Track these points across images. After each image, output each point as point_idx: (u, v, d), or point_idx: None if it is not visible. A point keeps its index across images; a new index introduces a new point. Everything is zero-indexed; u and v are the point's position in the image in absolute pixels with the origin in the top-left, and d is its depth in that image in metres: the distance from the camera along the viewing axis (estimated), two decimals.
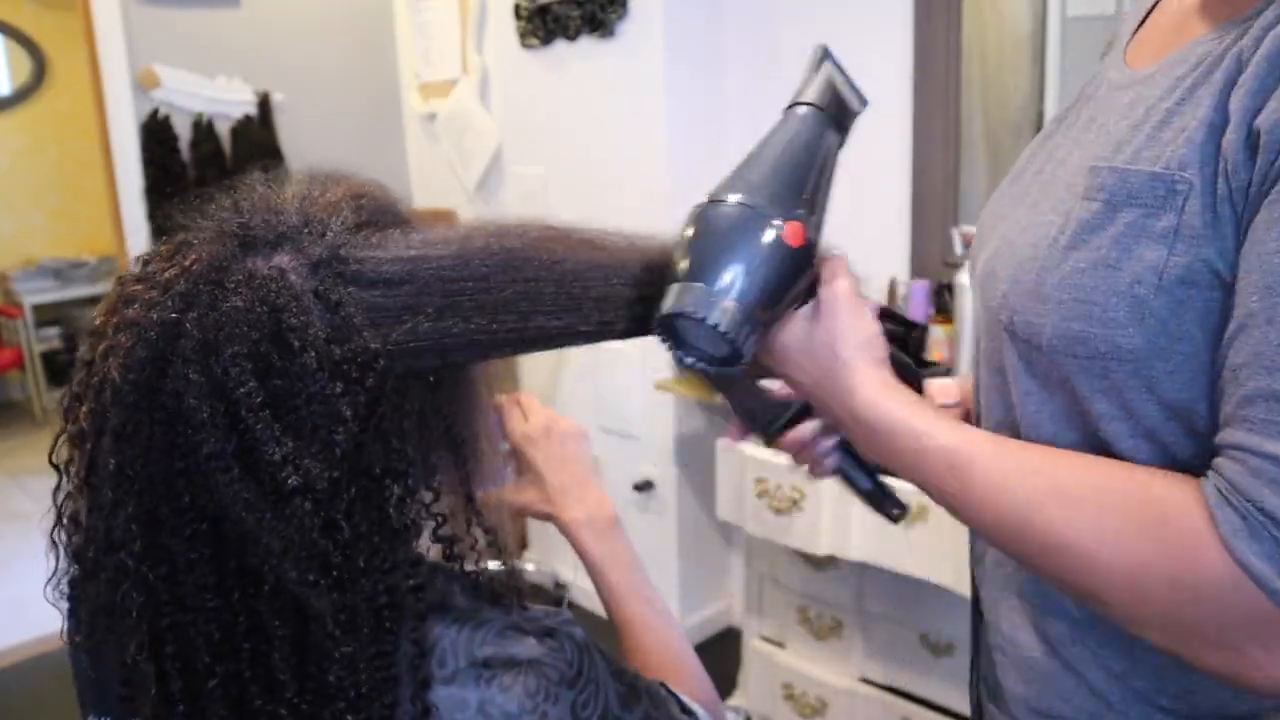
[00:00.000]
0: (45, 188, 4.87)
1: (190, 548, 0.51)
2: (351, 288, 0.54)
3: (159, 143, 2.68)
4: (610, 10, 2.32)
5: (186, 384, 0.50)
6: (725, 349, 0.55)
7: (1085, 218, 0.55)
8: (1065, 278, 0.55)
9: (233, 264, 0.53)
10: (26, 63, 4.73)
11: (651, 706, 0.62)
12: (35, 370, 4.70)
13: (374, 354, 0.52)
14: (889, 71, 2.10)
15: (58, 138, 4.83)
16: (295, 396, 0.51)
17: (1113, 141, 0.57)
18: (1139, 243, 0.52)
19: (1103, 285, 0.53)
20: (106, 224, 2.92)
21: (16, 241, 4.83)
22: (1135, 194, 0.53)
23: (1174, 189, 0.51)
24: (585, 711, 0.57)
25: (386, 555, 0.54)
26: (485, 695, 0.55)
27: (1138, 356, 0.52)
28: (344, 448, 0.51)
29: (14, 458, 4.34)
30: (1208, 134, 0.50)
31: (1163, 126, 0.53)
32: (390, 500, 0.54)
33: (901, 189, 2.14)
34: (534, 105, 2.65)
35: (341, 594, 0.52)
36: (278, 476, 0.50)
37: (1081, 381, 0.56)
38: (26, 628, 2.73)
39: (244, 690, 0.53)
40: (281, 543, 0.50)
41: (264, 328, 0.51)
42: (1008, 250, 0.63)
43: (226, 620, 0.52)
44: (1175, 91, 0.54)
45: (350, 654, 0.52)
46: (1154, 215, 0.51)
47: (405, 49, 3.09)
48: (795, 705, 2.03)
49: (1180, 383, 0.52)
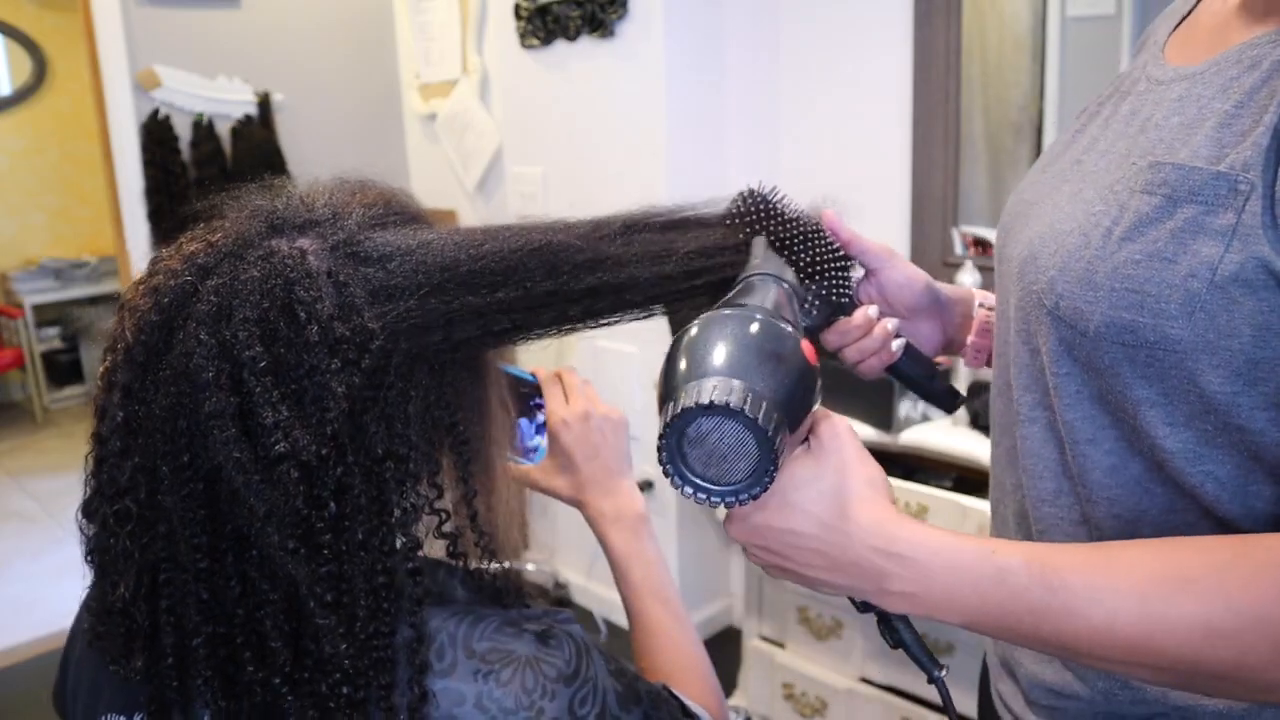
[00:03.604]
0: (45, 188, 4.88)
1: (185, 506, 0.53)
2: (364, 269, 0.56)
3: (159, 143, 2.68)
4: (610, 10, 2.32)
5: (196, 344, 0.52)
6: (752, 459, 0.49)
7: (1145, 211, 0.56)
8: (1119, 267, 0.56)
9: (257, 241, 0.56)
10: (27, 63, 4.73)
11: (651, 707, 0.62)
12: (36, 370, 4.70)
13: (371, 334, 0.54)
14: (889, 71, 2.10)
15: (58, 138, 4.83)
16: (297, 367, 0.52)
17: (1165, 137, 0.58)
18: (1196, 238, 0.53)
19: (1156, 277, 0.54)
20: (106, 224, 2.93)
21: (16, 241, 4.83)
22: (1197, 191, 0.53)
23: (1236, 188, 0.52)
24: (583, 709, 0.57)
25: (385, 537, 0.54)
26: (482, 690, 0.55)
27: (1184, 349, 0.53)
28: (335, 424, 0.52)
29: (14, 458, 4.34)
30: (1273, 138, 0.51)
31: (1222, 128, 0.54)
32: (389, 483, 0.55)
33: (901, 189, 2.13)
34: (534, 105, 2.65)
35: (333, 567, 0.53)
36: (268, 440, 0.51)
37: (1125, 368, 0.56)
38: (27, 628, 2.73)
39: (236, 655, 0.53)
40: (265, 506, 0.51)
41: (275, 298, 0.53)
42: (1053, 237, 0.63)
43: (218, 582, 0.53)
44: (1231, 92, 0.55)
45: (344, 628, 0.53)
46: (1213, 212, 0.52)
47: (405, 49, 3.09)
48: (795, 705, 2.03)
49: (1223, 377, 0.53)
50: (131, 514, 0.54)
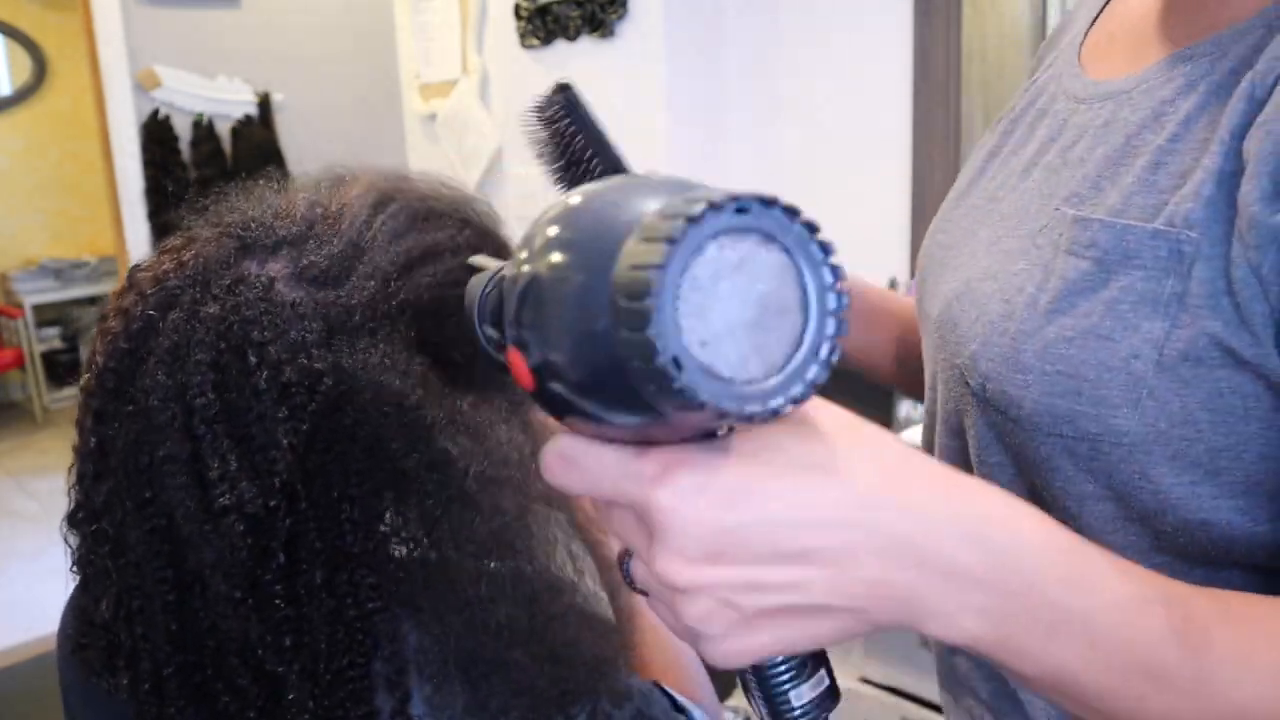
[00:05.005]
0: (45, 188, 4.87)
1: (148, 541, 0.52)
2: (334, 292, 0.53)
3: (159, 143, 2.68)
4: (610, 10, 2.32)
5: (154, 384, 0.51)
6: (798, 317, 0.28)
7: (1072, 277, 0.47)
8: (1048, 346, 0.47)
9: (226, 266, 0.54)
10: (27, 63, 4.73)
11: (643, 704, 0.62)
12: (35, 371, 4.70)
13: (319, 375, 0.51)
14: (889, 71, 2.10)
15: (58, 138, 4.83)
16: (246, 414, 0.50)
17: (1090, 174, 0.50)
18: (1137, 312, 0.44)
19: (1093, 359, 0.46)
20: (106, 224, 2.92)
21: (16, 241, 4.83)
22: (1132, 254, 0.45)
23: (1179, 250, 0.43)
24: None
25: (351, 575, 0.52)
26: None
27: (1132, 440, 0.45)
28: (283, 475, 0.50)
29: (14, 458, 4.34)
30: (1217, 186, 0.43)
31: (1156, 167, 0.46)
32: (345, 525, 0.52)
33: (901, 189, 2.13)
34: None
35: (290, 611, 0.51)
36: (213, 492, 0.50)
37: (1064, 461, 0.48)
38: (26, 628, 2.73)
39: (208, 686, 0.53)
40: (213, 555, 0.50)
41: (231, 339, 0.51)
42: (971, 300, 0.54)
43: (185, 615, 0.52)
44: (1165, 122, 0.47)
45: (307, 669, 0.51)
46: (1155, 280, 0.44)
47: (405, 49, 3.08)
48: None
49: (1179, 468, 0.45)
50: (109, 535, 0.53)
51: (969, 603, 0.32)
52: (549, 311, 0.28)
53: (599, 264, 0.27)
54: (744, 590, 0.31)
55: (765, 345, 0.27)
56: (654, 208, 0.27)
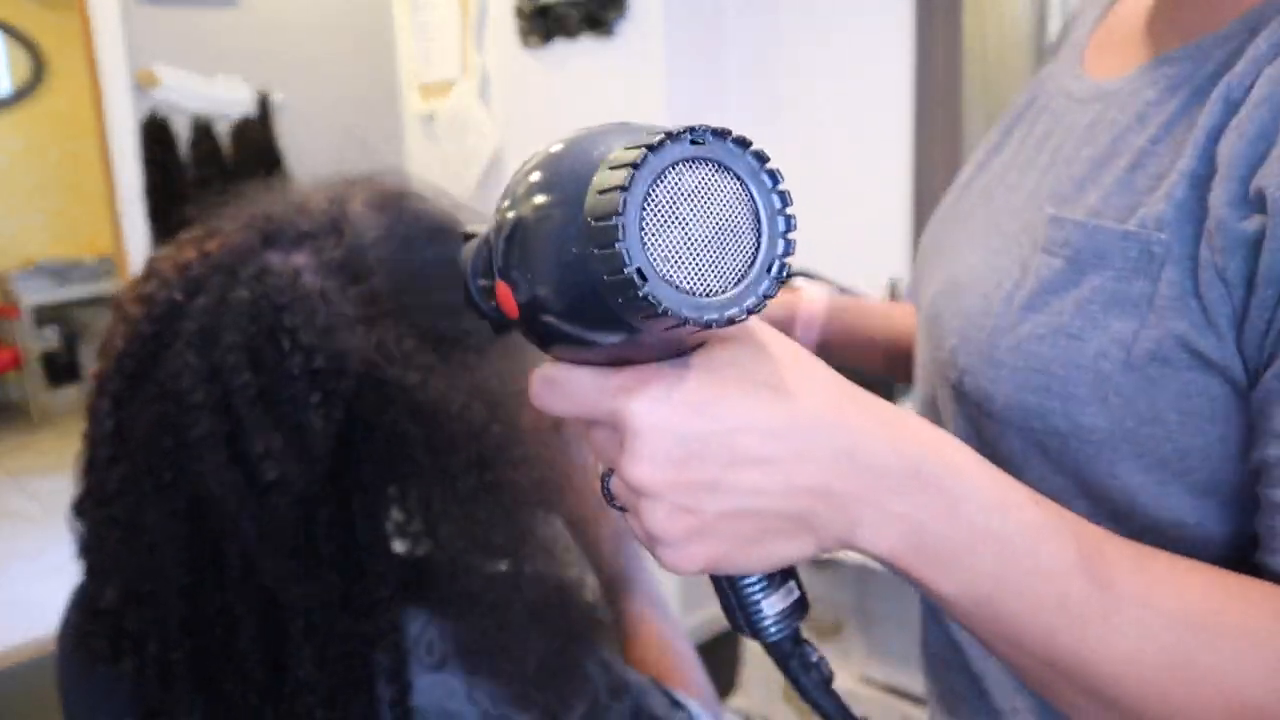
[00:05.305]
0: (44, 188, 4.87)
1: (167, 522, 0.52)
2: (358, 287, 0.55)
3: (158, 143, 2.68)
4: (610, 9, 2.32)
5: (184, 366, 0.51)
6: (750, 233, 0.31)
7: (1046, 276, 0.48)
8: (1021, 342, 0.48)
9: (252, 255, 0.54)
10: (25, 62, 4.72)
11: (641, 698, 0.62)
12: (34, 371, 4.69)
13: (347, 362, 0.52)
14: (889, 71, 2.10)
15: (57, 138, 4.82)
16: (283, 395, 0.51)
17: (1073, 175, 0.50)
18: (1106, 312, 0.45)
19: (1062, 356, 0.46)
20: (105, 224, 2.92)
21: (15, 241, 4.82)
22: (1103, 254, 0.46)
23: (1149, 251, 0.44)
24: (573, 699, 0.57)
25: (367, 560, 0.53)
26: (474, 681, 0.55)
27: (1101, 438, 0.46)
28: (322, 457, 0.51)
29: (13, 458, 4.34)
30: (1189, 188, 0.43)
31: (1135, 169, 0.46)
32: (377, 506, 0.53)
33: (902, 189, 2.13)
34: (534, 105, 2.65)
35: (315, 590, 0.52)
36: (259, 468, 0.51)
37: (1036, 458, 0.49)
38: (26, 629, 2.73)
39: (216, 671, 0.53)
40: (259, 530, 0.51)
41: (263, 322, 0.52)
42: (954, 295, 0.55)
43: (199, 598, 0.53)
44: (1147, 124, 0.47)
45: (320, 653, 0.52)
46: (1124, 280, 0.45)
47: (405, 49, 3.08)
48: (795, 705, 2.03)
49: (1146, 467, 0.45)
50: (119, 521, 0.53)
51: (894, 511, 0.35)
52: (532, 246, 0.32)
53: (574, 196, 0.30)
54: (704, 491, 0.34)
55: (721, 262, 0.31)
56: (621, 144, 0.31)
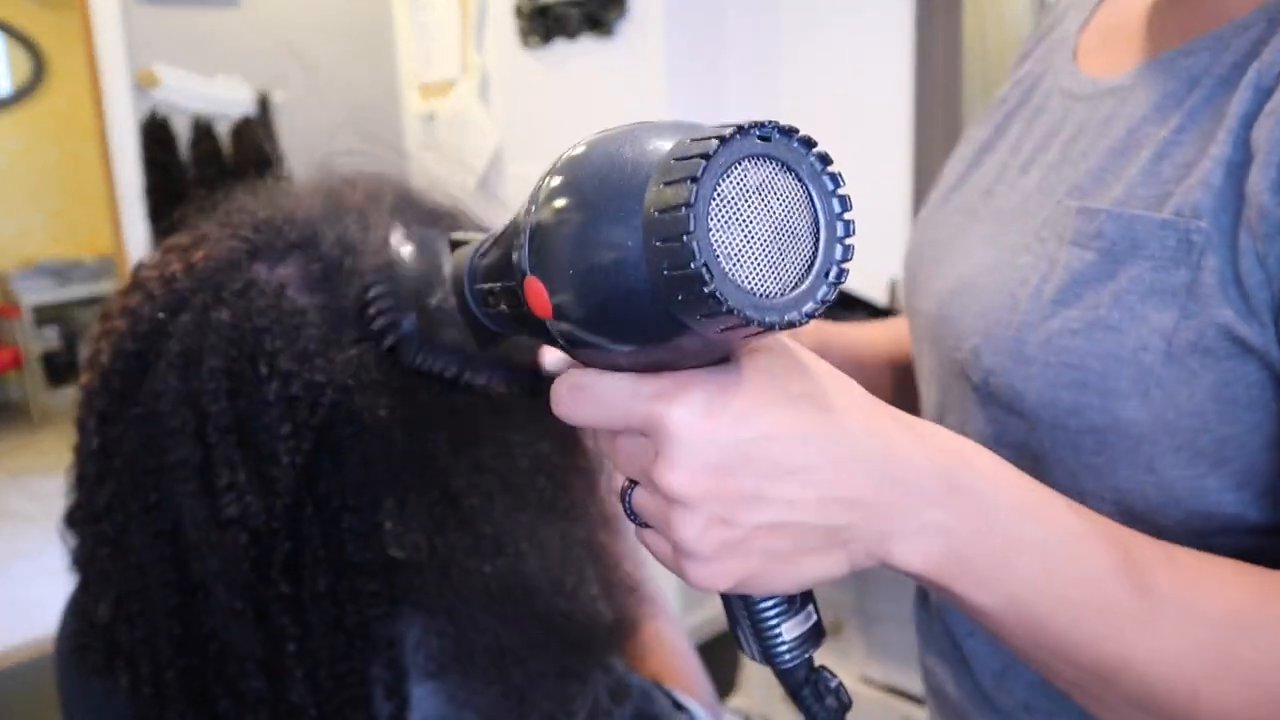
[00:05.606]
0: (44, 188, 4.87)
1: (153, 544, 0.51)
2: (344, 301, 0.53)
3: (158, 143, 2.67)
4: (610, 9, 2.32)
5: (165, 387, 0.50)
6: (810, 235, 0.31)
7: (1078, 269, 0.47)
8: (1053, 337, 0.47)
9: (236, 270, 0.53)
10: (25, 62, 4.72)
11: (644, 701, 0.62)
12: (34, 371, 4.69)
13: (321, 388, 0.51)
14: (889, 71, 2.10)
15: (57, 138, 4.82)
16: (256, 424, 0.50)
17: (1092, 169, 0.50)
18: (1145, 302, 0.44)
19: (1100, 349, 0.45)
20: (105, 224, 2.92)
21: (15, 241, 4.82)
22: (1141, 244, 0.45)
23: (1188, 240, 0.43)
24: (573, 704, 0.57)
25: (342, 590, 0.52)
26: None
27: (1140, 432, 0.45)
28: (287, 492, 0.50)
29: (12, 458, 4.34)
30: (1226, 176, 0.42)
31: (1161, 159, 0.46)
32: (348, 535, 0.52)
33: (902, 189, 2.13)
34: (534, 105, 2.64)
35: (287, 619, 0.51)
36: (221, 501, 0.49)
37: (1068, 455, 0.48)
38: (25, 629, 2.73)
39: (210, 691, 0.52)
40: (216, 564, 0.50)
41: (244, 346, 0.50)
42: (971, 294, 0.54)
43: (189, 619, 0.52)
44: (1169, 114, 0.47)
45: (313, 675, 0.51)
46: (1163, 270, 0.44)
47: (405, 49, 3.08)
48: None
49: (1186, 459, 0.45)
50: (109, 537, 0.52)
51: (930, 521, 0.35)
52: (576, 241, 0.30)
53: (629, 189, 0.29)
54: (743, 501, 0.33)
55: (780, 264, 0.29)
56: (679, 138, 0.29)
